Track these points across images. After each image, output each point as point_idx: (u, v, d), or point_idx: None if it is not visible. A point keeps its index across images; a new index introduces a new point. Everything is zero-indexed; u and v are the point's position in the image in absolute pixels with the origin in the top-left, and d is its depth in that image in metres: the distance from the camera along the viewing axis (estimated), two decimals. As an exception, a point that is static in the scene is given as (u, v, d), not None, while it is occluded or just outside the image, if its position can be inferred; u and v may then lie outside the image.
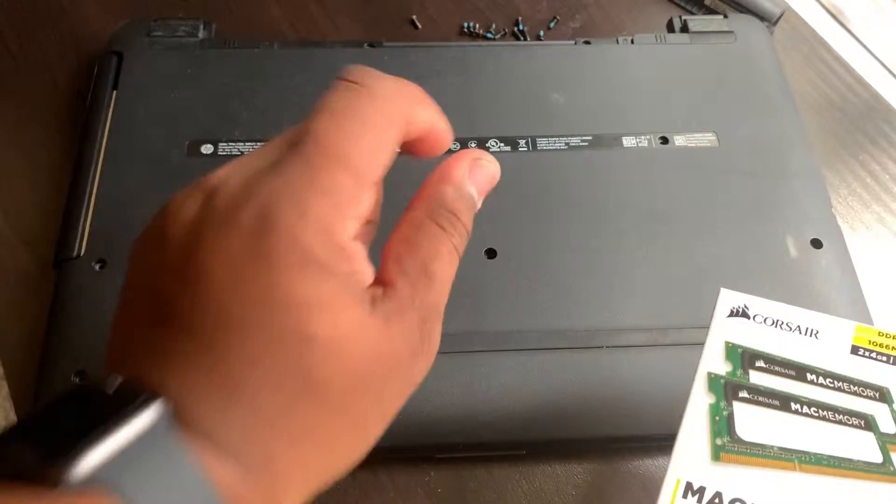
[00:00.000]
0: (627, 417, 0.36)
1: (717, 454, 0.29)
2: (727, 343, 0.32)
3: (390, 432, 0.35)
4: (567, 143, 0.44)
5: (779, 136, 0.45)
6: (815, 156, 0.45)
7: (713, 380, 0.30)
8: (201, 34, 0.47)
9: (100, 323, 0.37)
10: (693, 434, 0.29)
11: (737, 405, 0.30)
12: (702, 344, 0.37)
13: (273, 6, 0.53)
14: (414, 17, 0.53)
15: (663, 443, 0.36)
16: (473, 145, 0.43)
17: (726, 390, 0.30)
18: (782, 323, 0.32)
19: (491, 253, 0.40)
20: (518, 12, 0.54)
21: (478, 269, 0.39)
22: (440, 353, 0.37)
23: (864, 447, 0.29)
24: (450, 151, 0.42)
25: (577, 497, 0.37)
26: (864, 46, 0.55)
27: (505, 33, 0.53)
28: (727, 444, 0.29)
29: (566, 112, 0.45)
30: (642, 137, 0.44)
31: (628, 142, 0.44)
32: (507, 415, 0.36)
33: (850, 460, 0.29)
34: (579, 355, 0.37)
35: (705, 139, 0.44)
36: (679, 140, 0.44)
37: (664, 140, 0.44)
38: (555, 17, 0.53)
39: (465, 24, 0.53)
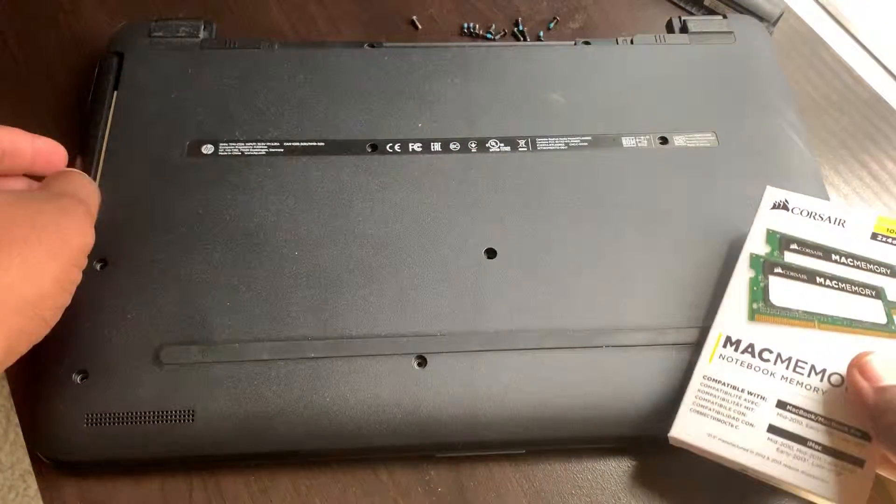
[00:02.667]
0: (627, 417, 0.36)
1: (753, 315, 0.36)
2: (768, 230, 0.38)
3: (391, 432, 0.36)
4: (567, 144, 0.44)
5: (778, 137, 0.45)
6: (815, 156, 0.45)
7: (754, 259, 0.37)
8: (202, 34, 0.47)
9: (100, 323, 0.37)
10: (735, 300, 0.36)
11: (772, 278, 0.37)
12: (701, 344, 0.37)
13: (273, 6, 0.53)
14: (414, 17, 0.53)
15: (663, 443, 0.36)
16: (473, 146, 0.43)
17: (764, 267, 0.37)
18: (815, 214, 0.38)
19: (491, 253, 0.40)
20: (518, 13, 0.54)
21: (478, 269, 0.39)
22: (440, 352, 0.37)
23: (872, 312, 0.35)
24: (449, 152, 0.43)
25: (577, 497, 0.37)
26: (864, 46, 0.55)
27: (505, 34, 0.53)
28: (762, 307, 0.36)
29: (566, 112, 0.45)
30: (642, 137, 0.44)
31: (628, 142, 0.44)
32: (508, 415, 0.36)
33: (860, 321, 0.35)
34: (579, 355, 0.37)
35: (705, 139, 0.44)
36: (678, 140, 0.44)
37: (664, 140, 0.44)
38: (555, 18, 0.54)
39: (465, 25, 0.53)
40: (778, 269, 0.37)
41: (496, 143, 0.43)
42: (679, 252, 0.40)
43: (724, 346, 0.35)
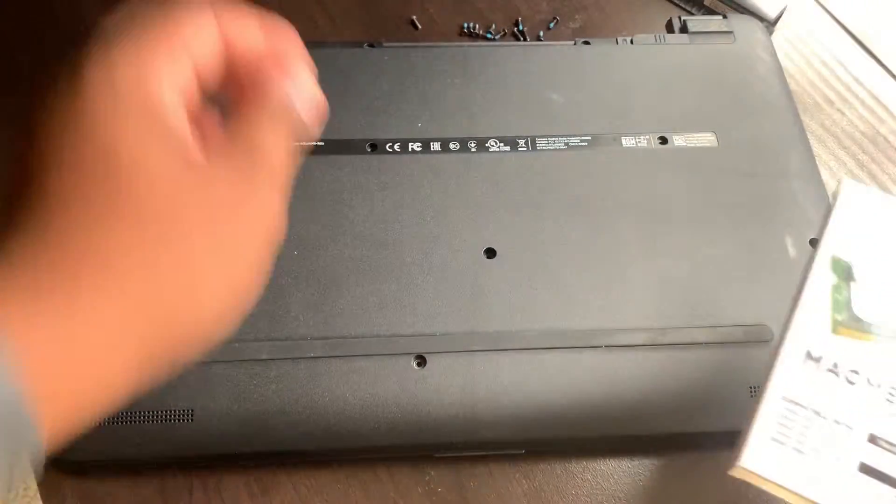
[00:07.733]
0: (627, 417, 0.36)
1: (836, 328, 0.31)
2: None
3: (390, 432, 0.36)
4: (566, 143, 0.44)
5: (778, 136, 0.45)
6: (814, 156, 0.45)
7: (836, 262, 0.33)
8: (201, 34, 0.47)
9: (100, 323, 0.37)
10: (814, 308, 0.32)
11: (855, 286, 0.32)
12: (701, 343, 0.37)
13: (273, 6, 0.53)
14: (414, 17, 0.53)
15: (663, 443, 0.36)
16: (473, 145, 0.43)
17: (847, 273, 0.32)
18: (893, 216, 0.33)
19: (491, 253, 0.40)
20: (518, 13, 0.54)
21: (478, 269, 0.39)
22: (440, 352, 0.37)
23: None
24: (449, 151, 0.43)
25: (577, 497, 0.37)
26: (863, 46, 0.55)
27: (505, 33, 0.53)
28: (846, 320, 0.31)
29: (565, 112, 0.45)
30: (641, 137, 0.44)
31: (627, 142, 0.44)
32: (507, 415, 0.36)
33: None
34: (579, 355, 0.37)
35: (704, 139, 0.44)
36: (678, 140, 0.44)
37: (663, 140, 0.44)
38: (554, 18, 0.54)
39: (465, 25, 0.53)
40: None
41: (496, 143, 0.43)
42: (679, 252, 0.40)
43: (805, 361, 0.31)
